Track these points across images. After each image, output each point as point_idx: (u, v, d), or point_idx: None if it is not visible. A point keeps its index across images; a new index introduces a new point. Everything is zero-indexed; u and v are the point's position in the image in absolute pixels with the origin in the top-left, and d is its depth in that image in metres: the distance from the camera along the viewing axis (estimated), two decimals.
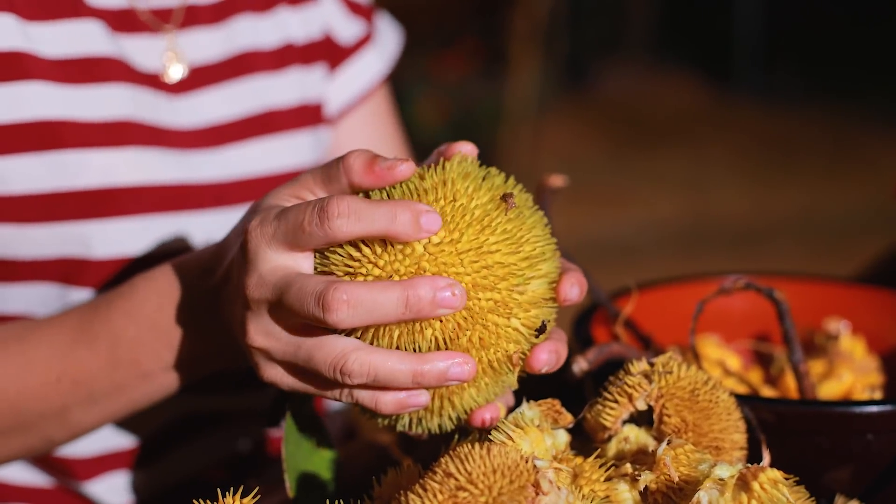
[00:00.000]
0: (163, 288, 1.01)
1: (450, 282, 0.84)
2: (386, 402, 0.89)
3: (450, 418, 0.94)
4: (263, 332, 0.89)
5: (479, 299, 0.87)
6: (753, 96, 7.22)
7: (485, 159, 0.94)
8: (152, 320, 1.01)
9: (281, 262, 0.87)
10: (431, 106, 5.67)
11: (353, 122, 1.46)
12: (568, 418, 0.93)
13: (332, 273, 0.87)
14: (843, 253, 2.08)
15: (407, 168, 0.87)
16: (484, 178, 0.91)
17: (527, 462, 0.80)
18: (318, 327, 0.87)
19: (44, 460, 1.27)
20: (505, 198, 0.90)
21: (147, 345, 1.02)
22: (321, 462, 1.00)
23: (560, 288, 0.92)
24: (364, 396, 0.88)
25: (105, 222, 1.19)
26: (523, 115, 5.93)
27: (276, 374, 0.91)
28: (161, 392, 1.06)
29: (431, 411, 0.94)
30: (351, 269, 0.87)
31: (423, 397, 0.89)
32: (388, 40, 1.49)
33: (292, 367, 0.90)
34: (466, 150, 0.93)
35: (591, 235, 5.02)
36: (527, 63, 6.02)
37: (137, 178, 1.20)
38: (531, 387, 0.99)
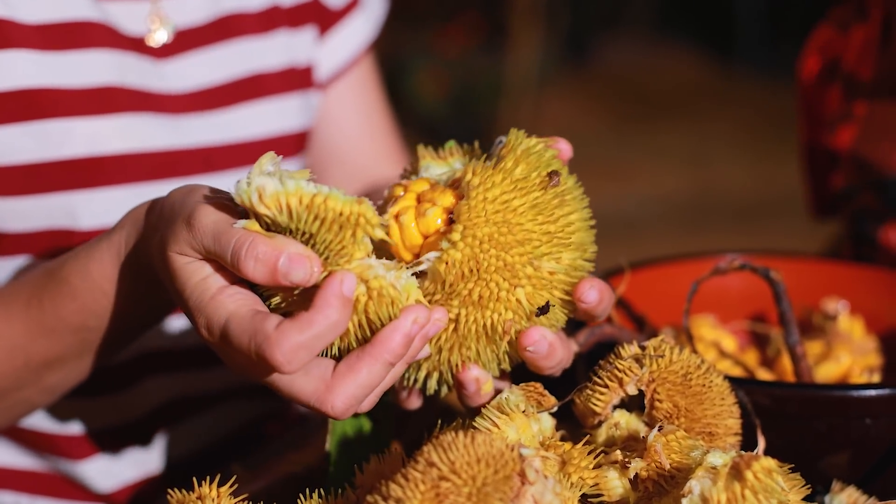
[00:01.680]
0: (107, 289, 0.97)
1: (341, 277, 0.81)
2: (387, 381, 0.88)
3: (443, 381, 0.94)
4: (233, 366, 0.88)
5: (490, 255, 0.86)
6: (757, 70, 7.18)
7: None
8: (109, 312, 0.98)
9: (238, 307, 0.84)
10: (431, 80, 5.64)
11: (341, 90, 1.43)
12: (551, 401, 0.90)
13: None
14: (840, 225, 2.06)
15: (314, 277, 0.82)
16: (541, 159, 0.90)
17: (512, 451, 0.78)
18: None
19: (33, 441, 1.25)
20: (550, 175, 0.88)
21: (112, 327, 1.00)
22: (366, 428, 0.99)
23: (579, 286, 0.90)
24: None
25: (92, 192, 1.16)
26: (524, 90, 5.90)
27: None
28: (135, 340, 1.05)
29: (419, 367, 0.93)
30: None
31: (424, 351, 0.89)
32: (374, 5, 1.46)
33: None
34: (561, 146, 0.94)
35: (593, 210, 4.93)
36: (527, 37, 5.99)
37: (124, 145, 1.17)
38: (518, 369, 0.96)
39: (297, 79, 1.34)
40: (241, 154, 1.27)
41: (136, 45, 1.21)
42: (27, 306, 1.02)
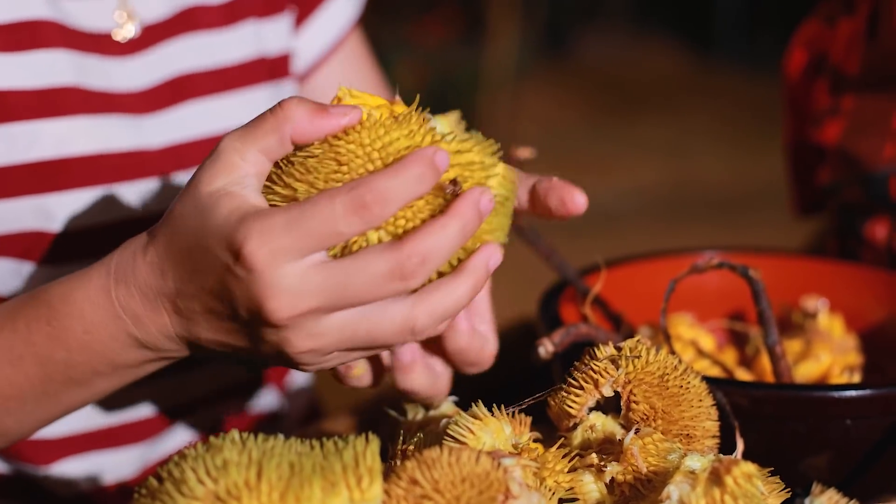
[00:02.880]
0: (86, 313, 0.91)
1: (481, 190, 0.81)
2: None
3: None
4: (309, 337, 0.82)
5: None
6: (736, 63, 7.18)
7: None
8: (82, 343, 0.92)
9: (309, 266, 0.80)
10: (409, 72, 5.62)
11: (328, 72, 1.39)
12: None
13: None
14: (824, 220, 2.05)
15: (355, 115, 0.82)
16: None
17: (498, 468, 0.76)
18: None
19: None
20: (453, 181, 0.83)
21: (80, 364, 0.93)
22: None
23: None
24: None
25: (61, 195, 1.14)
26: (502, 82, 5.88)
27: (330, 361, 0.86)
28: (103, 394, 0.98)
29: None
30: None
31: None
32: None
33: (348, 350, 0.85)
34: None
35: None
36: (506, 29, 5.97)
37: (92, 146, 1.15)
38: (491, 372, 0.95)
39: (266, 70, 1.30)
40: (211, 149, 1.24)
41: (99, 41, 1.18)
42: (0, 329, 0.96)
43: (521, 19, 6.09)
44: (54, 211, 1.14)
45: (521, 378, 1.00)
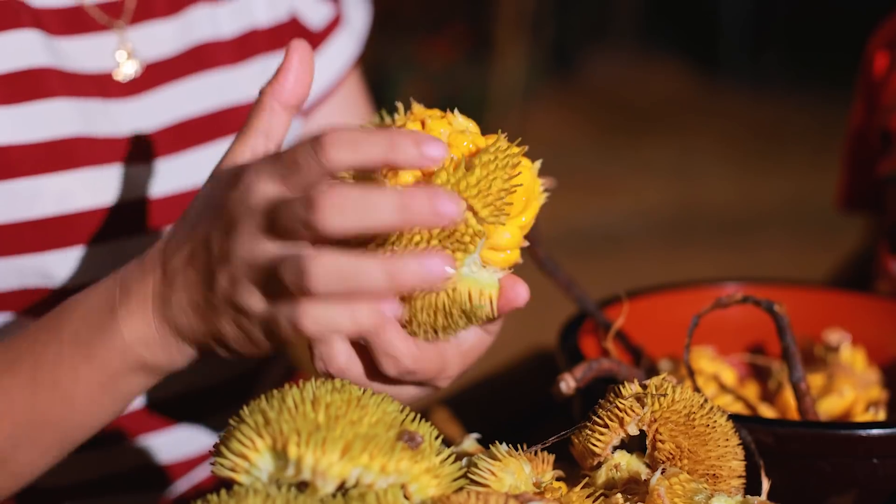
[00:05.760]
0: (87, 299, 0.93)
1: (441, 194, 0.76)
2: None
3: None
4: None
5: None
6: (741, 84, 7.18)
7: None
8: (73, 331, 0.92)
9: (271, 192, 0.80)
10: (416, 92, 5.62)
11: (327, 112, 1.37)
12: None
13: None
14: (830, 242, 2.04)
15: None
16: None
17: None
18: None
19: None
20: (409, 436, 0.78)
21: (66, 361, 0.92)
22: None
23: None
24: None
25: (64, 251, 1.11)
26: (509, 102, 5.88)
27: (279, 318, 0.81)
28: (86, 421, 0.95)
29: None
30: None
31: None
32: (356, 18, 1.40)
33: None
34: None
35: (577, 224, 4.96)
36: (513, 49, 5.97)
37: (94, 201, 1.11)
38: (508, 403, 0.93)
39: None
40: None
41: (100, 84, 1.14)
42: (12, 339, 0.96)
43: (529, 39, 6.09)
44: (56, 269, 1.11)
45: (538, 409, 0.98)
